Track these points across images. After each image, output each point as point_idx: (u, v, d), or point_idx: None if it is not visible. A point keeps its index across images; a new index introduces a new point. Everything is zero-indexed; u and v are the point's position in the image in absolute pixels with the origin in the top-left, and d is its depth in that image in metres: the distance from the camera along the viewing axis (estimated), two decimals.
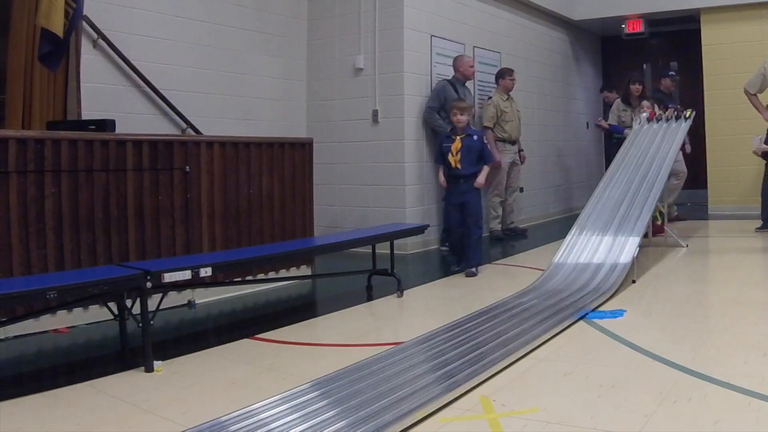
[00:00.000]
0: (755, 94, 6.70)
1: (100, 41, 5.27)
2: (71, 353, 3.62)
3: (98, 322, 3.98)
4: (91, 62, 5.15)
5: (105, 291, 3.17)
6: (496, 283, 5.22)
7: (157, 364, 3.22)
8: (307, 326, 4.12)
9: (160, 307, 3.45)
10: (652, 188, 5.73)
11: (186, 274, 3.42)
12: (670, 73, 8.32)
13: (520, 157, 7.68)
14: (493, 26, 8.22)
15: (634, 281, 4.86)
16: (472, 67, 7.08)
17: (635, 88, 7.70)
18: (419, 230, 5.28)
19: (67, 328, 3.93)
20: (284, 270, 5.21)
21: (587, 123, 10.31)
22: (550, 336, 3.56)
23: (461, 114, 5.49)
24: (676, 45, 10.59)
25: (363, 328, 4.08)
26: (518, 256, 6.42)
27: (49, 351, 3.64)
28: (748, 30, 8.67)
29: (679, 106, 7.38)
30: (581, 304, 4.15)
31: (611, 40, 10.98)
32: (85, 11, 4.83)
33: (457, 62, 7.04)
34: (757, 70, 6.89)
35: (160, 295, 3.46)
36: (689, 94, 9.71)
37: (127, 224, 4.10)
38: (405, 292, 4.77)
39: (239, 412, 2.52)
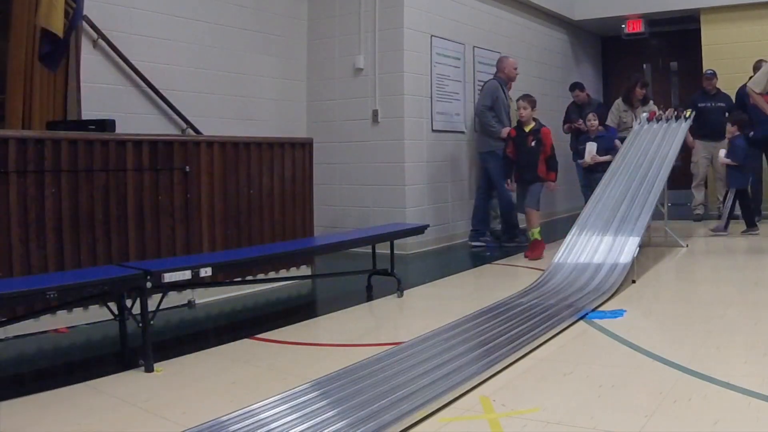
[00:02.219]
0: (760, 93, 6.71)
1: (100, 41, 5.27)
2: (71, 353, 3.62)
3: (98, 322, 3.97)
4: (91, 62, 5.15)
5: (105, 291, 3.17)
6: (496, 283, 5.22)
7: (157, 364, 3.22)
8: (307, 326, 4.12)
9: (160, 307, 3.45)
10: (652, 188, 5.73)
11: (186, 274, 3.42)
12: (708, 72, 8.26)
13: None
14: (493, 26, 8.22)
15: (634, 281, 4.86)
16: (516, 69, 7.15)
17: (641, 92, 7.63)
18: (419, 230, 5.28)
19: (67, 328, 3.93)
20: (284, 270, 5.21)
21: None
22: (550, 336, 3.55)
23: None
24: (676, 45, 10.59)
25: (363, 328, 4.08)
26: (518, 256, 6.41)
27: (49, 351, 3.64)
28: (748, 30, 8.67)
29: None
30: (581, 304, 4.15)
31: (611, 40, 10.99)
32: (85, 11, 4.83)
33: (501, 63, 7.11)
34: (763, 69, 6.90)
35: (160, 295, 3.46)
36: (689, 94, 9.69)
37: (127, 224, 4.10)
38: (405, 292, 4.77)
39: (239, 412, 2.52)
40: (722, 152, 7.18)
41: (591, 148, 6.89)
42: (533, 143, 6.22)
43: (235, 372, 3.21)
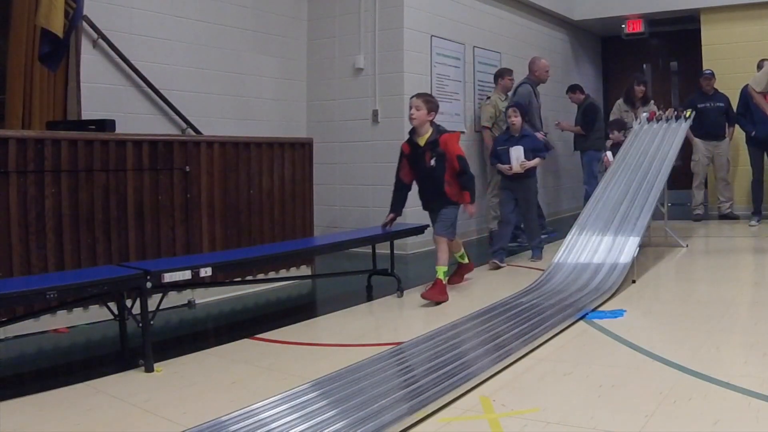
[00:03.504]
0: (760, 92, 6.72)
1: (100, 41, 5.27)
2: (71, 353, 3.62)
3: (98, 322, 3.98)
4: (91, 62, 5.15)
5: (105, 291, 3.17)
6: (496, 283, 5.22)
7: (157, 364, 3.22)
8: (307, 326, 4.12)
9: (160, 307, 3.45)
10: (652, 188, 5.73)
11: (186, 274, 3.42)
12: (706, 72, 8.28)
13: None
14: (493, 26, 8.22)
15: (634, 281, 4.86)
16: (548, 71, 7.20)
17: (639, 89, 7.66)
18: (419, 230, 5.27)
19: (67, 328, 3.93)
20: (284, 270, 5.21)
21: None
22: (550, 336, 3.56)
23: None
24: (676, 45, 10.59)
25: (363, 328, 4.07)
26: (518, 256, 6.41)
27: (49, 351, 3.64)
28: (748, 30, 8.67)
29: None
30: (581, 304, 4.15)
31: (611, 40, 10.98)
32: (85, 11, 4.83)
33: (534, 65, 7.16)
34: (764, 68, 6.91)
35: (160, 295, 3.46)
36: (689, 94, 9.69)
37: (127, 224, 4.10)
38: (405, 292, 4.76)
39: (239, 412, 2.52)
40: (609, 154, 6.69)
41: (518, 153, 5.76)
42: (433, 161, 4.58)
43: (235, 372, 3.21)
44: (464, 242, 7.24)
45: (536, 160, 5.84)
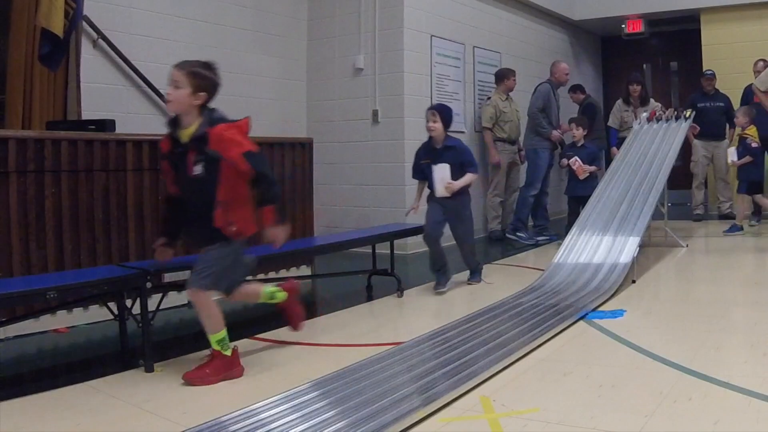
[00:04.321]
0: (765, 92, 6.72)
1: (100, 41, 5.27)
2: (71, 353, 3.62)
3: (98, 322, 3.97)
4: (91, 62, 5.15)
5: (105, 291, 3.17)
6: (496, 283, 5.21)
7: (157, 364, 3.21)
8: (307, 326, 4.09)
9: (160, 307, 3.45)
10: (652, 188, 5.73)
11: (186, 274, 3.41)
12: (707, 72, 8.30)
13: (519, 157, 7.68)
14: (493, 26, 8.22)
15: (634, 281, 4.86)
16: (567, 74, 7.61)
17: (633, 89, 7.71)
18: (419, 230, 5.26)
19: (67, 328, 3.93)
20: (284, 270, 5.20)
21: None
22: (550, 336, 3.56)
23: None
24: (676, 45, 10.59)
25: (363, 328, 4.07)
26: (518, 256, 6.41)
27: (49, 351, 3.64)
28: (748, 30, 8.68)
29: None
30: (581, 304, 4.15)
31: (611, 40, 10.99)
32: (85, 11, 4.83)
33: (554, 67, 7.57)
34: None
35: (160, 295, 3.46)
36: (689, 94, 9.69)
37: (127, 224, 4.10)
38: (405, 292, 4.76)
39: (239, 412, 2.52)
40: (578, 160, 6.47)
41: (442, 173, 4.61)
42: (199, 168, 3.00)
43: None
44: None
45: (467, 178, 4.66)
